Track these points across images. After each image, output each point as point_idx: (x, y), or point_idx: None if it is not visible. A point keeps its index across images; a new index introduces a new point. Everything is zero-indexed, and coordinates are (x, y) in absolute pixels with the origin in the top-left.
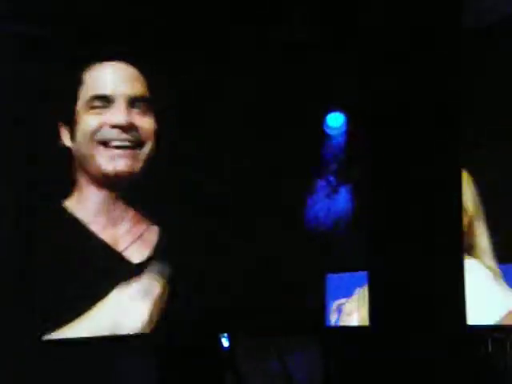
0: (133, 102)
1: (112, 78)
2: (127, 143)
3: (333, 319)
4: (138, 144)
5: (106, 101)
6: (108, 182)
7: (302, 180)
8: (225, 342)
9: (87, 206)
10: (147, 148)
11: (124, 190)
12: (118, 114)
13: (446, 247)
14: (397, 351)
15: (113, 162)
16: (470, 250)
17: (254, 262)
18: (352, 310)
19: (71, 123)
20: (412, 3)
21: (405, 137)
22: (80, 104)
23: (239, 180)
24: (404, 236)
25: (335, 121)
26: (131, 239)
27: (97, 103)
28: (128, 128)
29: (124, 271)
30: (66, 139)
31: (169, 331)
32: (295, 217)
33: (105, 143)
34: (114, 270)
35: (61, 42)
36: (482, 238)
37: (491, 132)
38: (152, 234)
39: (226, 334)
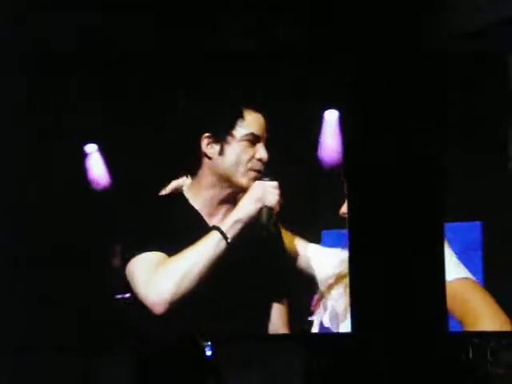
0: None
1: (260, 123)
2: (261, 171)
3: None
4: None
5: (255, 139)
6: (231, 187)
7: None
8: (207, 351)
9: (202, 197)
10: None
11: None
12: (263, 151)
13: (426, 256)
14: (380, 358)
15: (248, 179)
16: None
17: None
18: None
19: (223, 143)
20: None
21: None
22: (237, 133)
23: None
24: (383, 242)
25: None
26: None
27: (250, 138)
28: (266, 162)
29: None
30: (211, 151)
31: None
32: None
33: (250, 169)
34: None
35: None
36: None
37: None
38: None
39: (208, 343)
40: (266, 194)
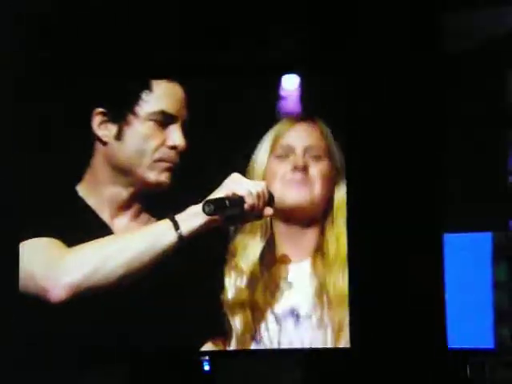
0: (184, 125)
1: (177, 97)
2: (174, 163)
3: None
4: (177, 163)
5: (168, 119)
6: (134, 182)
7: None
8: (206, 366)
9: (100, 193)
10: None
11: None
12: (179, 136)
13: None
14: (379, 375)
15: (157, 174)
16: None
17: None
18: None
19: (122, 123)
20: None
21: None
22: (141, 111)
23: None
24: (384, 257)
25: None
26: None
27: (160, 118)
28: (182, 151)
29: None
30: (105, 133)
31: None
32: None
33: (158, 160)
34: None
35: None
36: None
37: None
38: None
39: (206, 358)
40: (241, 183)
